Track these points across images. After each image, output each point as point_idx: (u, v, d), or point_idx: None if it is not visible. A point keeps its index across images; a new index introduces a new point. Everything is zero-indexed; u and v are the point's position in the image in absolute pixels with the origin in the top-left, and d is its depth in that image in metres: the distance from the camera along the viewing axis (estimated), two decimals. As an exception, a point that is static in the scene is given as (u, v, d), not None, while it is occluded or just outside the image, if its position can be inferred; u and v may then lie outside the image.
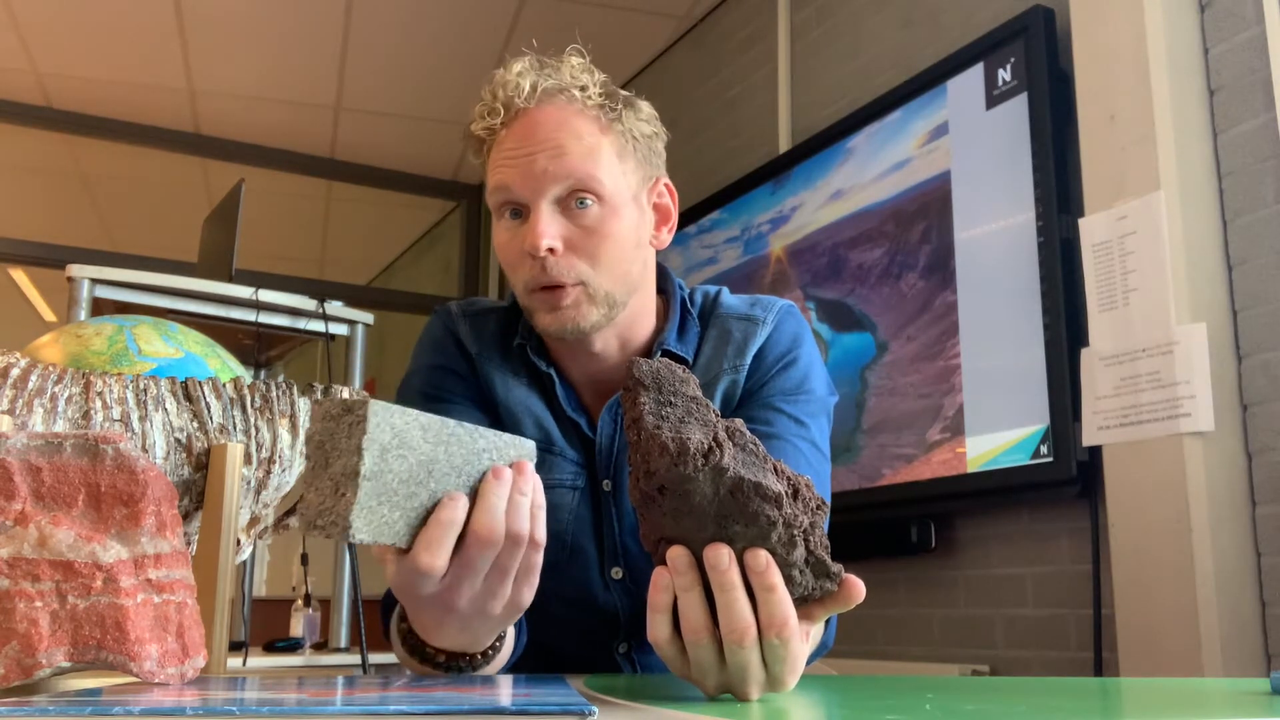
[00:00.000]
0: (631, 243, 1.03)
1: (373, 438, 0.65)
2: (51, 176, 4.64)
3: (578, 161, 0.98)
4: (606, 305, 1.01)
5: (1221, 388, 1.72)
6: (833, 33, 2.84)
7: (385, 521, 0.67)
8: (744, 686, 0.63)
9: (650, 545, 0.67)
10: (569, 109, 1.00)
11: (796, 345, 1.10)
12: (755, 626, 0.62)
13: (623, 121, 1.03)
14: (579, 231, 0.99)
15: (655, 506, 0.64)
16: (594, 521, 1.08)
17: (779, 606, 0.62)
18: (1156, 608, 1.71)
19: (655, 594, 0.65)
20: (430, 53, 3.72)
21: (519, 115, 1.00)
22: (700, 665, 0.64)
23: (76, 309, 2.38)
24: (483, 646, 0.81)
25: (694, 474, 0.62)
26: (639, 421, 0.64)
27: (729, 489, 0.62)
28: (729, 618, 0.62)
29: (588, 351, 1.06)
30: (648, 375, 0.66)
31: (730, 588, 0.62)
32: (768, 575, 0.62)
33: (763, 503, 0.62)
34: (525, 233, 0.99)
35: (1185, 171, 1.78)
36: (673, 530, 0.64)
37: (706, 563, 0.62)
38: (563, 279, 0.99)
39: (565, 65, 1.02)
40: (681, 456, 0.61)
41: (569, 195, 0.99)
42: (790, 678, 0.64)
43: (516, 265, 1.01)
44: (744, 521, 0.63)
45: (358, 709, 0.50)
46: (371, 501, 0.65)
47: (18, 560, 0.62)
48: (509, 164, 0.99)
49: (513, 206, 1.00)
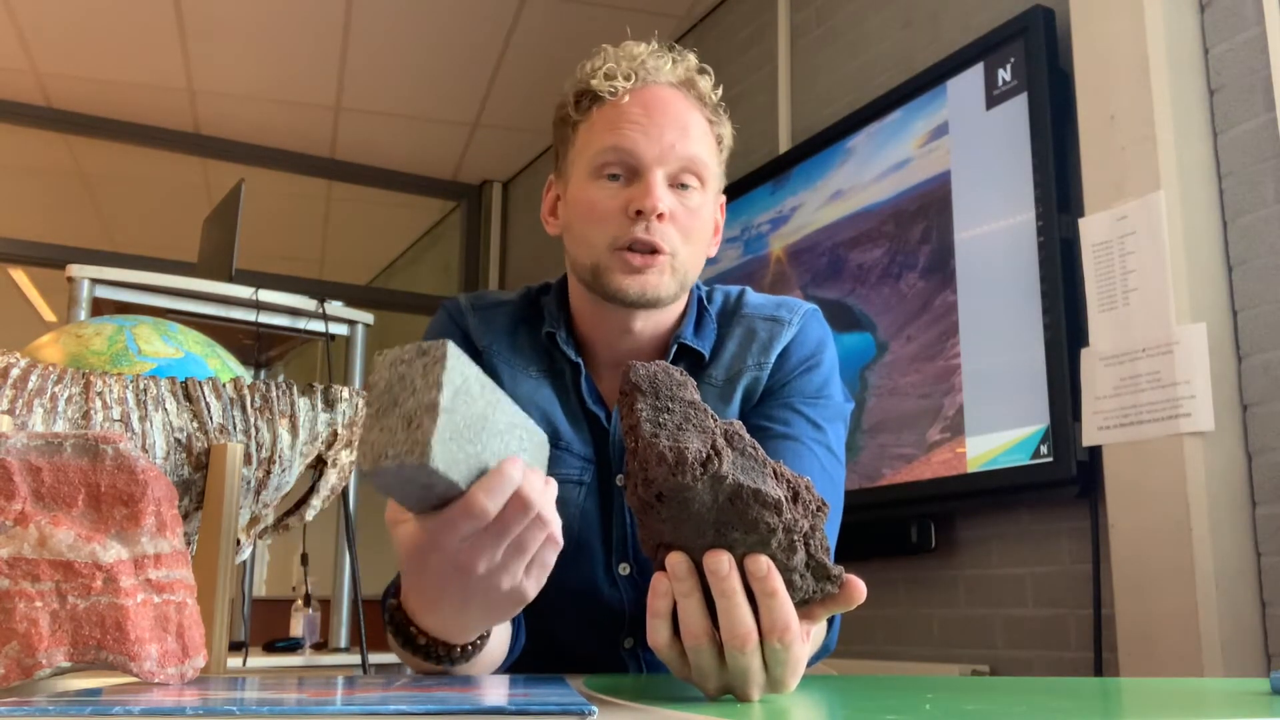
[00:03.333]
0: (708, 235, 1.10)
1: (450, 376, 0.65)
2: (51, 176, 4.64)
3: (697, 147, 1.05)
4: (681, 283, 1.06)
5: (1221, 388, 1.72)
6: (833, 33, 2.84)
7: (454, 458, 0.66)
8: (745, 689, 0.63)
9: (650, 551, 0.66)
10: (690, 99, 1.07)
11: (820, 350, 1.13)
12: (756, 632, 0.62)
13: (723, 128, 1.10)
14: (682, 209, 1.04)
15: (654, 513, 0.64)
16: (601, 517, 1.08)
17: (780, 612, 0.62)
18: (1156, 608, 1.71)
19: (655, 600, 0.65)
20: (430, 53, 3.72)
21: (648, 87, 1.05)
22: (701, 669, 0.64)
23: (76, 309, 2.38)
24: (468, 638, 0.81)
25: (692, 483, 0.61)
26: (636, 429, 0.64)
27: (728, 496, 0.62)
28: (730, 623, 0.62)
29: (622, 332, 1.08)
30: (644, 380, 0.66)
31: (731, 594, 0.62)
32: (769, 581, 0.62)
33: (762, 509, 0.62)
34: (633, 193, 1.03)
35: (1185, 171, 1.78)
36: (672, 536, 0.64)
37: (707, 569, 0.62)
38: (662, 244, 1.03)
39: (687, 59, 1.09)
40: (679, 466, 0.61)
41: (678, 174, 1.04)
42: (791, 680, 0.64)
43: (607, 222, 1.04)
44: (744, 528, 0.62)
45: (358, 709, 0.50)
46: (446, 434, 0.65)
47: (18, 560, 0.62)
48: (635, 128, 1.03)
49: (619, 169, 1.04)
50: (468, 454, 0.67)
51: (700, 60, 1.11)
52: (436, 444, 0.63)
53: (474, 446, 0.68)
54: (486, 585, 0.74)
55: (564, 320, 1.11)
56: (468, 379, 0.67)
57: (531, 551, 0.73)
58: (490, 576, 0.73)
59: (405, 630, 0.81)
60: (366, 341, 2.83)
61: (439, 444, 0.63)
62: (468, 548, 0.71)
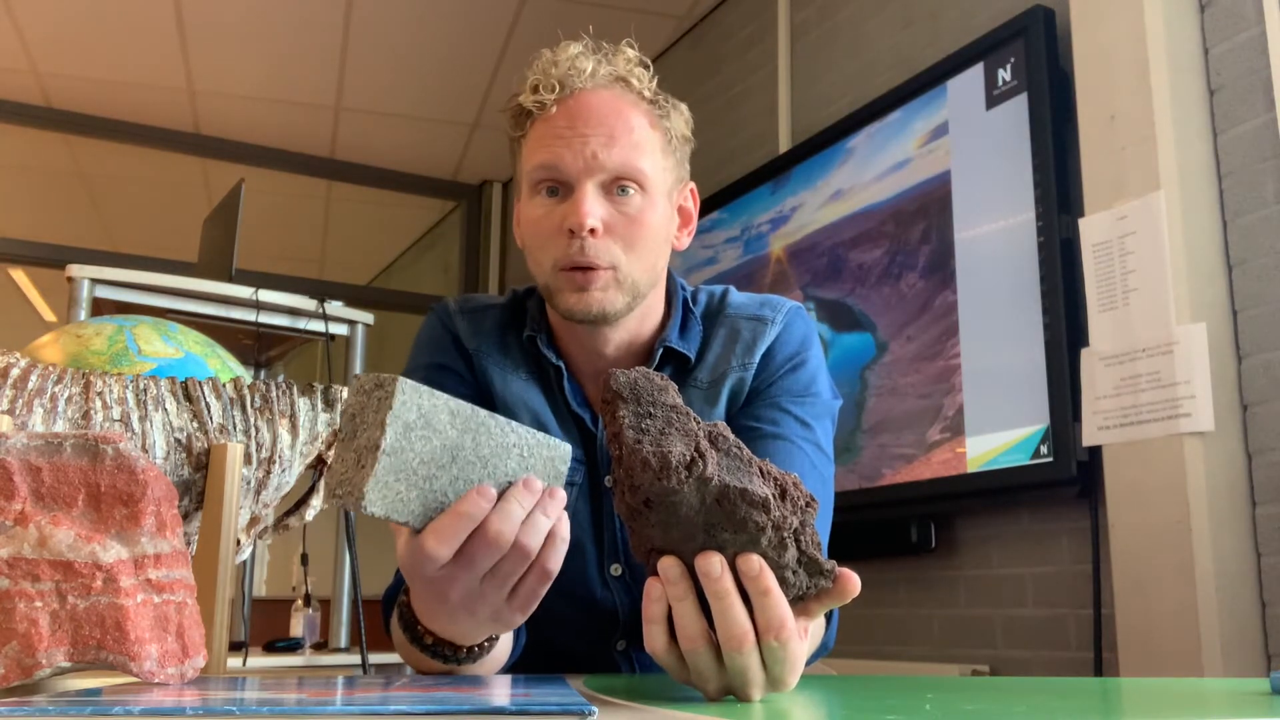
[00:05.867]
0: (662, 237, 1.05)
1: (397, 414, 0.65)
2: (51, 176, 4.63)
3: (628, 151, 1.00)
4: (632, 294, 1.03)
5: (1221, 388, 1.72)
6: (833, 33, 2.84)
7: (400, 498, 0.67)
8: (746, 689, 0.63)
9: (641, 556, 0.66)
10: (624, 99, 1.03)
11: (805, 347, 1.11)
12: (753, 632, 0.62)
13: (669, 120, 1.05)
14: (620, 218, 1.00)
15: (643, 519, 0.64)
16: (593, 519, 1.08)
17: (775, 610, 0.62)
18: (1156, 608, 1.71)
19: (649, 605, 0.64)
20: (430, 53, 3.72)
21: (574, 95, 1.01)
22: (700, 672, 0.64)
23: (76, 309, 2.38)
24: (470, 642, 0.81)
25: (678, 486, 0.61)
26: (619, 436, 0.64)
27: (715, 497, 0.62)
28: (725, 625, 0.62)
29: (598, 342, 1.07)
30: (625, 387, 0.66)
31: (724, 595, 0.62)
32: (762, 580, 0.62)
33: (750, 509, 0.62)
34: (567, 210, 1.00)
35: (1185, 171, 1.78)
36: (662, 541, 0.64)
37: (699, 571, 0.62)
38: (598, 261, 1.00)
39: (620, 55, 1.05)
40: (664, 471, 0.61)
41: (613, 181, 1.00)
42: (791, 677, 0.64)
43: (548, 242, 1.01)
44: (733, 529, 0.62)
45: (358, 709, 0.50)
46: (389, 477, 0.65)
47: (18, 560, 0.62)
48: (559, 142, 1.00)
49: (553, 184, 1.01)
50: (424, 490, 0.67)
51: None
52: (371, 489, 0.65)
53: (436, 481, 0.68)
54: (467, 611, 0.74)
55: (544, 325, 1.10)
56: (429, 411, 0.67)
57: (511, 583, 0.72)
58: (468, 604, 0.73)
59: (413, 629, 0.81)
60: (366, 341, 2.83)
61: (374, 489, 0.65)
62: (441, 577, 0.71)
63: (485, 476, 0.70)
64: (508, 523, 0.69)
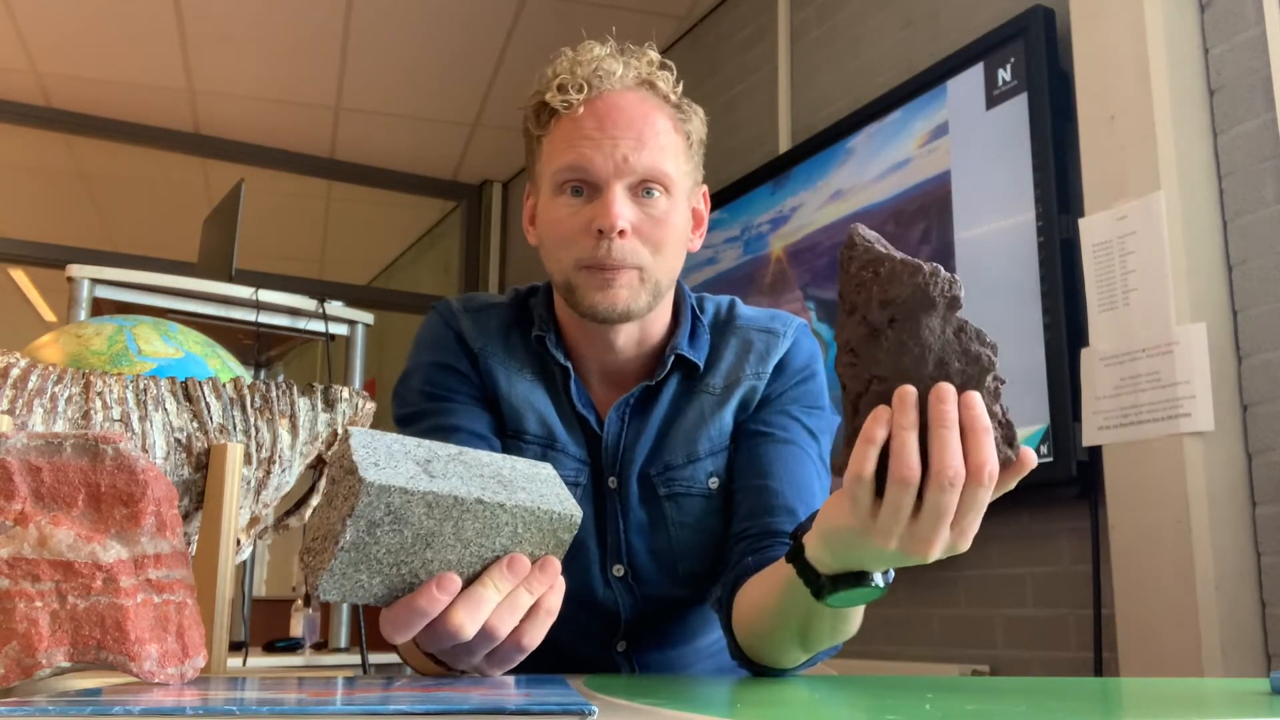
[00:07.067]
0: (683, 238, 1.08)
1: (360, 515, 0.64)
2: (51, 176, 4.64)
3: (656, 154, 1.01)
4: (654, 293, 1.04)
5: (1221, 388, 1.72)
6: (833, 33, 2.84)
7: (361, 585, 0.67)
8: (932, 535, 0.65)
9: (861, 384, 0.68)
10: (650, 101, 1.04)
11: (814, 362, 1.14)
12: (965, 470, 0.64)
13: (690, 124, 1.07)
14: (646, 219, 1.02)
15: (877, 342, 0.67)
16: (596, 519, 1.08)
17: (988, 449, 0.64)
18: (1156, 608, 1.71)
19: (874, 427, 0.66)
20: (430, 53, 3.72)
21: (601, 96, 1.02)
22: (897, 510, 0.65)
23: (76, 309, 2.38)
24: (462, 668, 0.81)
25: (937, 297, 0.65)
26: (875, 262, 0.68)
27: (956, 328, 0.66)
28: (943, 455, 0.64)
29: (609, 342, 1.07)
30: (865, 236, 0.71)
31: (951, 425, 0.64)
32: (982, 416, 0.65)
33: (982, 347, 0.66)
34: (595, 211, 1.00)
35: (1185, 171, 1.78)
36: (889, 369, 0.67)
37: (932, 396, 0.64)
38: (624, 261, 1.01)
39: (644, 57, 1.05)
40: (934, 274, 0.66)
41: (640, 184, 1.01)
42: (970, 534, 0.66)
43: (571, 241, 1.02)
44: (965, 360, 0.66)
45: (358, 709, 0.50)
46: (348, 569, 0.66)
47: (18, 560, 0.62)
48: (588, 143, 1.00)
49: (580, 184, 1.02)
50: (390, 575, 0.67)
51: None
52: (326, 580, 0.66)
53: (406, 566, 0.67)
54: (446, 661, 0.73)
55: (553, 324, 1.11)
56: (401, 508, 0.65)
57: (479, 655, 0.71)
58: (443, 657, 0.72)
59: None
60: (366, 341, 2.83)
61: (329, 580, 0.66)
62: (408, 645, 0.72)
63: (467, 556, 0.68)
64: (475, 612, 0.67)
